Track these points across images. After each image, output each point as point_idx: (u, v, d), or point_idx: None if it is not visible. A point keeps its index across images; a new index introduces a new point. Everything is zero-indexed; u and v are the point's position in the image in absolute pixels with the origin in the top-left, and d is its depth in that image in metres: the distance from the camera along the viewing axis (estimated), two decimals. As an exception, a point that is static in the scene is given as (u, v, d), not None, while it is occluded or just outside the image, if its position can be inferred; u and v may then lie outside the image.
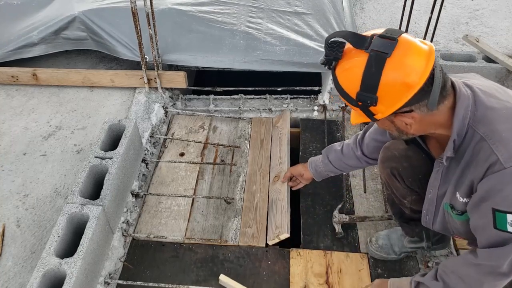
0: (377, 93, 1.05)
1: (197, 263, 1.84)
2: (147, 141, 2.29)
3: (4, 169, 2.11)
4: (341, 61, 1.11)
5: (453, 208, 1.27)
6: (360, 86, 1.07)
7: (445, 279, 1.25)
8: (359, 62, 1.06)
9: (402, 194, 1.60)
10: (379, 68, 1.03)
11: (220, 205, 2.09)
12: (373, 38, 1.06)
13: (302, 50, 2.48)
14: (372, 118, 1.13)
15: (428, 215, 1.43)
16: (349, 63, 1.09)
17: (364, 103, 1.09)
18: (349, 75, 1.10)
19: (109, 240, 1.76)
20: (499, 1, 3.39)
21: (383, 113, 1.10)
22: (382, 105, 1.08)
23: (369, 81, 1.05)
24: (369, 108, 1.10)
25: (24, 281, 1.65)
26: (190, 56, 2.52)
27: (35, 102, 2.53)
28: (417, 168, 1.48)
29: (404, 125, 1.14)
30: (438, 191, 1.33)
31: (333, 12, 2.79)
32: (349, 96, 1.12)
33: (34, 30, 2.63)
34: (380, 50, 1.04)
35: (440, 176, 1.30)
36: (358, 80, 1.07)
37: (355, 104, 1.12)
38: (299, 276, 1.78)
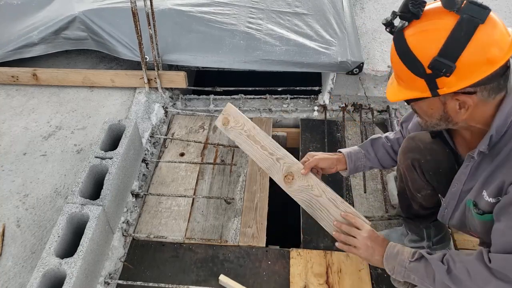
0: (457, 62, 0.96)
1: (197, 263, 1.84)
2: (147, 141, 2.29)
3: (4, 169, 2.11)
4: (418, 22, 1.01)
5: (475, 206, 1.22)
6: (440, 51, 0.97)
7: (451, 265, 1.18)
8: (445, 24, 0.97)
9: (418, 187, 1.57)
10: (469, 34, 0.95)
11: (220, 205, 2.09)
12: (464, 3, 0.96)
13: (302, 50, 2.48)
14: (434, 92, 1.03)
15: (448, 209, 1.37)
16: (432, 24, 0.99)
17: (436, 71, 0.99)
18: (429, 37, 0.99)
19: (109, 240, 1.76)
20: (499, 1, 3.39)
21: (451, 87, 1.01)
22: (456, 77, 0.99)
23: (452, 46, 0.96)
24: (437, 79, 1.00)
25: (24, 281, 1.65)
26: (190, 56, 2.52)
27: (35, 102, 2.53)
28: (439, 163, 1.44)
29: (457, 109, 1.06)
30: (464, 186, 1.28)
31: (333, 12, 2.79)
32: (417, 61, 1.01)
33: (34, 30, 2.63)
34: (474, 15, 0.95)
35: (468, 171, 1.24)
36: (439, 43, 0.97)
37: (421, 72, 1.02)
38: (299, 276, 1.78)
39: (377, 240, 1.36)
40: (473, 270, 1.13)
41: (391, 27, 1.07)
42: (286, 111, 2.64)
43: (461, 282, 1.15)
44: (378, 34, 2.86)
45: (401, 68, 1.06)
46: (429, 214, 1.68)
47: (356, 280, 1.76)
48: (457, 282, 1.16)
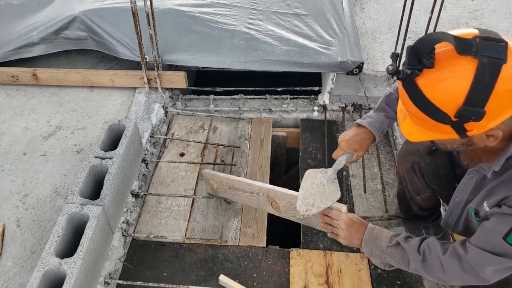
0: (486, 107, 0.90)
1: (197, 263, 1.84)
2: (147, 141, 2.29)
3: (4, 169, 2.10)
4: (432, 71, 0.93)
5: (476, 214, 1.24)
6: (465, 100, 0.90)
7: (427, 256, 1.20)
8: (465, 71, 0.89)
9: (417, 190, 1.57)
10: (494, 77, 0.88)
11: (220, 205, 2.09)
12: (477, 42, 0.88)
13: (302, 51, 2.48)
14: (463, 135, 0.98)
15: (451, 217, 1.38)
16: (449, 72, 0.91)
17: (464, 119, 0.92)
18: (449, 87, 0.92)
19: (109, 240, 1.76)
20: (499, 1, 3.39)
21: (482, 128, 0.95)
22: (487, 119, 0.92)
23: (478, 93, 0.89)
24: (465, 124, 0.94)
25: (24, 281, 1.65)
26: (190, 56, 2.52)
27: (35, 102, 2.53)
28: (439, 166, 1.44)
29: (484, 138, 1.01)
30: (468, 196, 1.28)
31: (333, 12, 2.79)
32: (440, 112, 0.94)
33: (34, 30, 2.63)
34: (493, 55, 0.88)
35: (473, 183, 1.24)
36: (462, 93, 0.90)
37: (447, 121, 0.95)
38: (299, 276, 1.78)
39: (354, 225, 1.38)
40: (447, 264, 1.16)
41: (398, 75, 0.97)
42: (286, 111, 2.64)
43: (433, 271, 1.20)
44: (378, 34, 2.86)
45: (419, 115, 0.99)
46: (428, 215, 1.68)
47: (356, 280, 1.76)
48: (429, 271, 1.21)
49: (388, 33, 2.87)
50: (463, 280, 1.17)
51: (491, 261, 1.09)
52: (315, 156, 2.37)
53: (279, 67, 2.47)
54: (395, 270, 1.79)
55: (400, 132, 2.34)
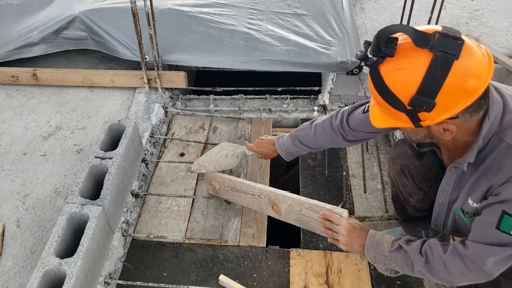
0: (436, 98, 0.96)
1: (197, 263, 1.84)
2: (147, 141, 2.29)
3: (4, 169, 2.10)
4: (392, 59, 0.99)
5: (464, 212, 1.25)
6: (418, 90, 0.96)
7: (429, 256, 1.21)
8: (420, 63, 0.96)
9: (409, 192, 1.58)
10: (445, 71, 0.94)
11: (220, 205, 2.09)
12: (436, 37, 0.94)
13: (302, 51, 2.48)
14: (417, 125, 1.04)
15: (439, 219, 1.40)
16: (406, 62, 0.98)
17: (416, 108, 0.99)
18: (405, 76, 0.98)
19: (109, 240, 1.76)
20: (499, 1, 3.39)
21: (433, 120, 1.01)
22: (437, 111, 0.99)
23: (430, 84, 0.95)
24: (419, 113, 1.01)
25: (24, 281, 1.65)
26: (190, 56, 2.52)
27: (35, 102, 2.53)
28: (428, 167, 1.46)
29: (441, 131, 1.07)
30: (450, 196, 1.29)
31: (333, 12, 2.79)
32: (396, 99, 1.01)
33: (34, 30, 2.63)
34: (447, 51, 0.93)
35: (453, 181, 1.26)
36: (416, 82, 0.96)
37: (401, 108, 1.02)
38: (299, 276, 1.78)
39: (355, 231, 1.39)
40: (449, 263, 1.17)
41: (365, 60, 1.04)
42: (286, 111, 2.64)
43: (438, 272, 1.20)
44: (378, 34, 2.86)
45: (381, 101, 1.06)
46: (425, 216, 1.69)
47: (356, 280, 1.76)
48: (434, 272, 1.21)
49: (388, 33, 2.86)
50: (468, 278, 1.18)
51: (490, 253, 1.10)
52: (315, 156, 2.37)
53: (279, 67, 2.47)
54: (395, 270, 1.79)
55: (400, 132, 2.34)
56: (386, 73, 1.01)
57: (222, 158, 1.96)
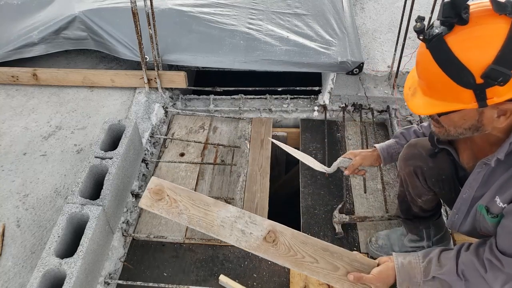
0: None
1: (197, 263, 1.83)
2: (147, 141, 2.28)
3: (4, 169, 2.10)
4: (463, 28, 0.92)
5: (488, 212, 1.20)
6: (496, 58, 0.89)
7: (467, 277, 1.17)
8: (499, 29, 0.89)
9: (419, 193, 1.57)
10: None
11: (220, 205, 2.09)
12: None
13: (302, 51, 2.48)
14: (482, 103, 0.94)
15: (458, 214, 1.34)
16: (482, 29, 0.91)
17: (490, 80, 0.90)
18: (481, 44, 0.91)
19: (109, 240, 1.76)
20: (499, 1, 3.39)
21: (502, 97, 0.93)
22: (510, 85, 0.91)
23: (510, 53, 0.88)
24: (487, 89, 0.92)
25: (24, 281, 1.65)
26: (190, 56, 2.52)
27: (35, 102, 2.53)
28: (442, 169, 1.43)
29: (494, 118, 0.99)
30: (475, 192, 1.25)
31: (333, 12, 2.79)
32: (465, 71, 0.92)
33: (34, 30, 2.63)
34: None
35: (481, 178, 1.21)
36: (494, 50, 0.89)
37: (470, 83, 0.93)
38: (299, 276, 1.78)
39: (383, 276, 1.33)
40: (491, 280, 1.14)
41: (424, 35, 0.96)
42: (286, 111, 2.64)
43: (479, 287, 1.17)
44: (378, 34, 2.86)
45: (439, 78, 0.97)
46: (429, 216, 1.68)
47: (356, 280, 1.75)
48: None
49: (388, 33, 2.87)
50: None
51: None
52: (315, 156, 2.37)
53: (279, 67, 2.47)
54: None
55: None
56: (456, 43, 0.92)
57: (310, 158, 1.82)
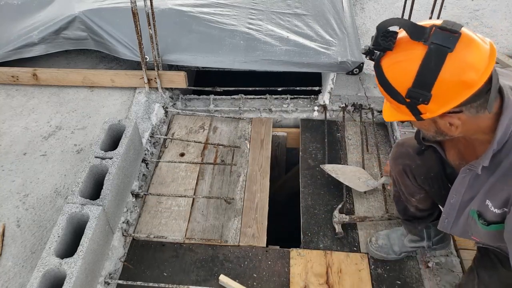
0: (432, 91, 0.97)
1: (197, 263, 1.83)
2: (147, 141, 2.28)
3: (4, 169, 2.10)
4: (392, 53, 1.02)
5: (480, 217, 1.21)
6: (414, 82, 0.98)
7: None
8: (415, 55, 0.97)
9: (411, 192, 1.58)
10: (439, 63, 0.95)
11: (220, 205, 2.09)
12: (432, 30, 0.96)
13: (302, 51, 2.48)
14: (418, 117, 1.05)
15: (448, 219, 1.36)
16: (403, 55, 1.00)
17: (414, 100, 1.00)
18: (402, 69, 1.00)
19: (109, 240, 1.76)
20: (499, 1, 3.39)
21: (433, 113, 1.02)
22: (435, 103, 0.99)
23: (425, 77, 0.97)
24: (418, 106, 1.02)
25: (24, 281, 1.65)
26: (190, 56, 2.52)
27: (35, 102, 2.53)
28: (430, 167, 1.45)
29: (448, 126, 1.06)
30: (463, 197, 1.26)
31: (333, 12, 2.79)
32: (395, 91, 1.03)
33: (35, 30, 2.63)
34: (442, 43, 0.95)
35: (466, 182, 1.23)
36: (412, 75, 0.98)
37: (401, 101, 1.03)
38: (299, 276, 1.78)
39: None
40: None
41: (371, 55, 1.06)
42: (286, 111, 2.64)
43: None
44: (378, 34, 2.86)
45: (385, 94, 1.08)
46: (427, 216, 1.69)
47: (356, 280, 1.76)
48: None
49: (388, 33, 2.86)
50: None
51: None
52: (315, 156, 2.37)
53: (279, 67, 2.47)
54: (395, 270, 1.79)
55: (400, 132, 2.35)
56: (385, 66, 1.03)
57: (355, 177, 2.11)
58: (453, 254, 1.84)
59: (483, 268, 1.39)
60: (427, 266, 1.79)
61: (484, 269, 1.38)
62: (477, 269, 1.41)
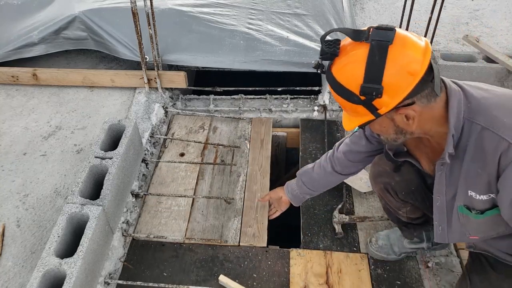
0: (382, 83, 1.03)
1: (197, 263, 1.84)
2: (147, 141, 2.29)
3: (4, 169, 2.10)
4: (338, 58, 1.10)
5: (470, 209, 1.20)
6: (364, 78, 1.04)
7: None
8: (360, 54, 1.05)
9: (396, 206, 1.61)
10: (383, 56, 1.03)
11: (220, 205, 2.09)
12: (370, 31, 1.05)
13: (302, 51, 2.48)
14: (376, 114, 1.09)
15: (441, 226, 1.33)
16: (349, 57, 1.08)
17: (368, 96, 1.06)
18: (350, 69, 1.07)
19: (109, 240, 1.76)
20: (499, 1, 3.39)
21: (388, 106, 1.06)
22: (387, 95, 1.05)
23: (373, 71, 1.03)
24: (373, 102, 1.07)
25: (24, 281, 1.65)
26: (190, 56, 2.52)
27: (35, 102, 2.53)
28: (409, 181, 1.48)
29: (405, 121, 1.11)
30: (446, 196, 1.26)
31: (333, 12, 2.79)
32: (350, 92, 1.08)
33: (35, 30, 2.63)
34: (381, 39, 1.03)
35: (444, 179, 1.23)
36: (361, 72, 1.04)
37: (357, 100, 1.08)
38: (299, 276, 1.78)
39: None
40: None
41: (321, 68, 1.14)
42: (286, 111, 2.64)
43: None
44: (378, 34, 2.86)
45: (341, 101, 1.13)
46: (422, 222, 1.69)
47: (356, 280, 1.76)
48: None
49: (388, 33, 2.86)
50: None
51: None
52: (315, 156, 2.37)
53: (279, 67, 2.47)
54: (395, 270, 1.79)
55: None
56: (336, 71, 1.10)
57: (356, 178, 2.10)
58: (453, 254, 1.84)
59: (474, 273, 1.39)
60: (427, 266, 1.79)
61: (475, 273, 1.39)
62: (469, 275, 1.41)
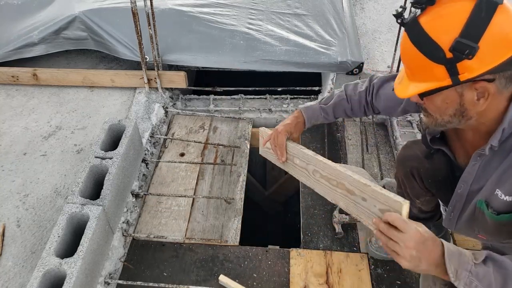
0: (479, 42, 0.93)
1: (197, 263, 1.84)
2: (147, 141, 2.29)
3: (4, 169, 2.10)
4: (433, 8, 0.99)
5: (488, 206, 1.16)
6: (462, 31, 0.94)
7: None
8: (464, 6, 0.95)
9: (417, 194, 1.56)
10: (489, 13, 0.93)
11: (220, 205, 2.09)
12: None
13: (302, 51, 2.48)
14: (454, 79, 0.99)
15: (454, 212, 1.29)
16: (449, 7, 0.98)
17: (458, 54, 0.95)
18: (448, 20, 0.97)
19: (109, 240, 1.76)
20: (499, 1, 3.39)
21: (472, 72, 0.97)
22: (478, 59, 0.95)
23: (474, 25, 0.94)
24: (459, 63, 0.97)
25: (24, 281, 1.65)
26: (190, 56, 2.52)
27: (35, 102, 2.53)
28: (438, 171, 1.42)
29: (474, 100, 1.01)
30: (470, 187, 1.21)
31: (333, 12, 2.79)
32: (436, 47, 0.98)
33: (35, 30, 2.63)
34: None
35: (475, 171, 1.18)
36: (460, 24, 0.95)
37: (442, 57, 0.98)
38: (299, 276, 1.78)
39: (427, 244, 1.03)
40: None
41: (402, 19, 1.03)
42: (286, 111, 2.64)
43: None
44: (378, 34, 2.86)
45: (416, 58, 1.02)
46: (428, 217, 1.68)
47: (356, 280, 1.76)
48: None
49: (388, 33, 2.87)
50: None
51: None
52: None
53: (279, 67, 2.47)
54: (395, 270, 1.79)
55: (400, 132, 2.35)
56: (427, 22, 0.99)
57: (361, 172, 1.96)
58: (453, 254, 1.84)
59: None
60: (427, 266, 1.79)
61: None
62: None
